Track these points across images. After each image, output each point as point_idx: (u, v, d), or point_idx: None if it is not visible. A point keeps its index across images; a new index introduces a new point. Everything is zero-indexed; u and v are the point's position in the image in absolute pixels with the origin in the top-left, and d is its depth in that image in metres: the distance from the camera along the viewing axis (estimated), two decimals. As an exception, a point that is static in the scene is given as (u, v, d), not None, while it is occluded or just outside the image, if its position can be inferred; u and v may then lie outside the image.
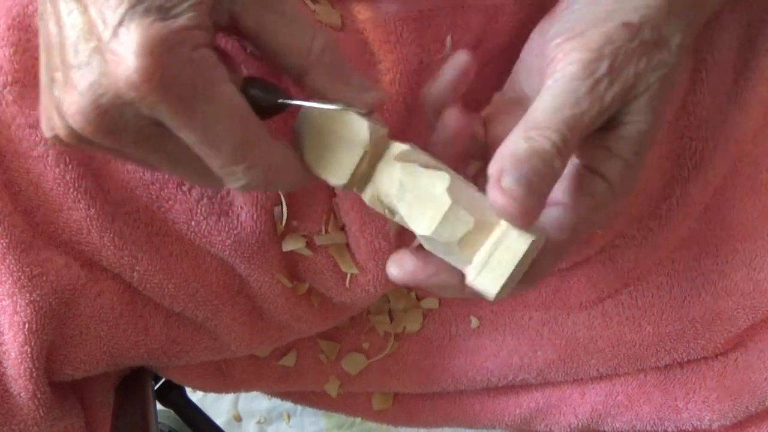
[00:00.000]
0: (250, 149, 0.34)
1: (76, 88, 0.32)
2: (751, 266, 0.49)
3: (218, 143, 0.33)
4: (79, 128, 0.33)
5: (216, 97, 0.33)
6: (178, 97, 0.32)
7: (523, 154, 0.34)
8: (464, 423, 0.61)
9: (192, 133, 0.33)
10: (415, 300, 0.58)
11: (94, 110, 0.32)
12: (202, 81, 0.32)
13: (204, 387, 0.59)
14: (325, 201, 0.47)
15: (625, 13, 0.37)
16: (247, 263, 0.47)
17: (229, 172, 0.34)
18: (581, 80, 0.35)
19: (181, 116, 0.32)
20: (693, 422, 0.53)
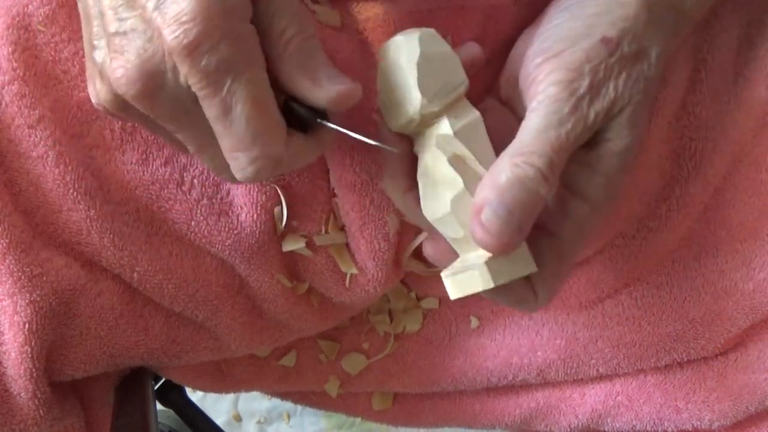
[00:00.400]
0: (260, 140, 0.35)
1: (122, 54, 0.34)
2: (751, 266, 0.48)
3: (233, 124, 0.34)
4: (123, 92, 0.34)
5: (246, 78, 0.34)
6: (212, 67, 0.33)
7: (505, 183, 0.35)
8: (464, 423, 0.61)
9: (213, 107, 0.34)
10: (415, 300, 0.58)
11: (138, 74, 0.34)
12: (239, 57, 0.34)
13: (204, 387, 0.59)
14: (324, 201, 0.47)
15: (604, 27, 0.37)
16: (246, 263, 0.47)
17: (234, 156, 0.35)
18: (563, 100, 0.36)
19: (208, 87, 0.33)
20: (693, 422, 0.53)
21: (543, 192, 0.36)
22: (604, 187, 0.38)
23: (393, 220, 0.46)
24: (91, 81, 0.37)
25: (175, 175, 0.45)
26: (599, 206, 0.38)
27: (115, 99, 0.36)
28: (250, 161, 0.35)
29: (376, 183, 0.45)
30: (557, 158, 0.36)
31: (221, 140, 0.35)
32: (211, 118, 0.34)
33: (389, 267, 0.49)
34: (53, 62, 0.44)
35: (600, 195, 0.38)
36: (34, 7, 0.43)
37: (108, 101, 0.36)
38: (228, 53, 0.33)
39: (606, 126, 0.37)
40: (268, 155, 0.35)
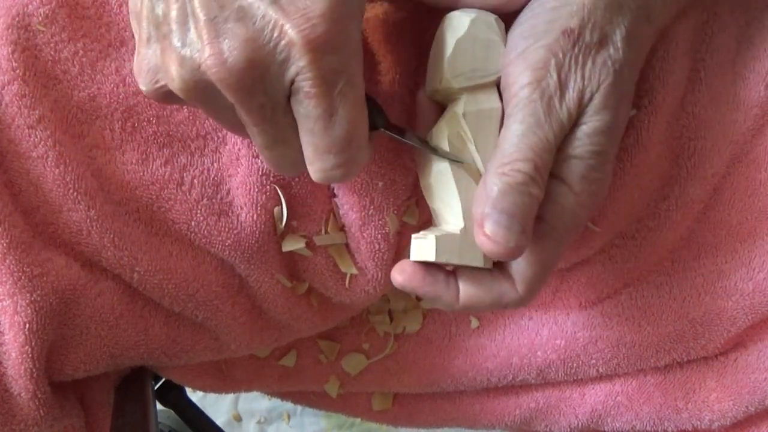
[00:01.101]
0: (355, 143, 0.36)
1: (222, 40, 0.33)
2: (751, 266, 0.49)
3: (335, 125, 0.35)
4: (218, 78, 0.34)
5: (356, 83, 0.35)
6: (331, 67, 0.34)
7: (498, 193, 0.37)
8: (464, 423, 0.61)
9: (319, 106, 0.35)
10: (415, 300, 0.58)
11: (243, 63, 0.33)
12: (353, 62, 0.35)
13: (204, 387, 0.59)
14: (324, 201, 0.47)
15: (564, 20, 0.38)
16: (246, 263, 0.47)
17: (323, 158, 0.36)
18: (536, 102, 0.37)
19: (322, 86, 0.34)
20: (693, 422, 0.53)
21: (535, 192, 0.37)
22: (581, 171, 0.38)
23: (393, 220, 0.47)
24: (144, 64, 0.37)
25: (175, 175, 0.45)
26: (576, 189, 0.38)
27: (195, 86, 0.35)
28: (340, 163, 0.36)
29: (377, 183, 0.45)
30: (541, 160, 0.37)
31: (315, 138, 0.36)
32: (310, 117, 0.35)
33: (389, 267, 0.49)
34: (53, 62, 0.44)
35: (577, 178, 0.38)
36: (33, 6, 0.43)
37: (185, 89, 0.35)
38: (346, 56, 0.34)
39: (580, 113, 0.38)
40: (357, 159, 0.37)
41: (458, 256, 0.39)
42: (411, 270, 0.41)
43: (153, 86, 0.37)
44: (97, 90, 0.44)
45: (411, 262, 0.41)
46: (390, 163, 0.45)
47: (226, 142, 0.45)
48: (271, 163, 0.39)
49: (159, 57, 0.36)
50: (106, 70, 0.44)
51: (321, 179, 0.37)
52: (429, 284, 0.41)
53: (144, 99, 0.44)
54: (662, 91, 0.45)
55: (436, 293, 0.41)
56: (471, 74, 0.40)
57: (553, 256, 0.40)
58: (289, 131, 0.37)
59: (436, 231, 0.41)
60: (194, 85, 0.35)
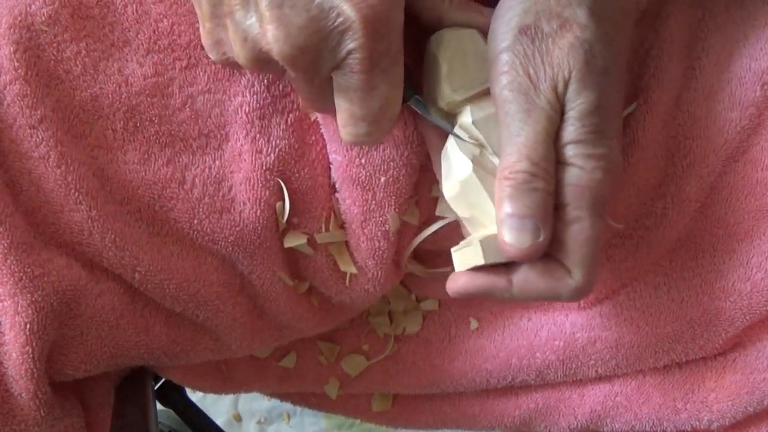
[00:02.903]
0: (386, 116, 0.39)
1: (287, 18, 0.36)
2: (749, 266, 0.48)
3: (373, 99, 0.38)
4: (281, 56, 0.37)
5: (397, 64, 0.38)
6: (381, 48, 0.36)
7: (505, 199, 0.38)
8: (464, 424, 0.61)
9: (362, 81, 0.37)
10: (414, 302, 0.58)
11: (304, 41, 0.36)
12: (395, 47, 0.37)
13: (204, 387, 0.59)
14: (325, 198, 0.47)
15: (520, 18, 0.39)
16: (249, 260, 0.48)
17: (355, 124, 0.39)
18: (515, 102, 0.39)
19: (370, 64, 0.37)
20: (692, 423, 0.53)
21: (540, 185, 0.38)
22: (584, 151, 0.39)
23: (394, 218, 0.47)
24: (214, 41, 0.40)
25: (176, 175, 0.45)
26: (591, 169, 0.39)
27: (258, 61, 0.38)
28: (370, 132, 0.39)
29: (379, 178, 0.45)
30: (536, 153, 0.38)
31: (353, 107, 0.39)
32: (352, 88, 0.38)
33: (389, 267, 0.49)
34: (55, 62, 0.44)
35: (582, 159, 0.39)
36: (36, 7, 0.43)
37: (249, 60, 0.38)
38: (394, 39, 0.37)
39: (562, 99, 0.39)
40: (386, 128, 0.40)
41: (504, 254, 0.40)
42: (464, 276, 0.42)
43: (220, 57, 0.40)
44: (99, 90, 0.44)
45: (462, 272, 0.42)
46: (393, 159, 0.45)
47: (228, 139, 0.45)
48: (307, 101, 0.43)
49: (223, 32, 0.39)
50: (108, 70, 0.44)
51: (350, 141, 0.40)
52: (482, 279, 0.42)
53: (146, 99, 0.45)
54: (657, 90, 0.45)
55: (490, 285, 0.42)
56: (469, 85, 0.42)
57: (594, 235, 0.40)
58: (329, 93, 0.39)
59: (475, 237, 0.42)
60: (257, 61, 0.38)
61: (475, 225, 0.43)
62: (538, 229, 0.38)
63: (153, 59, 0.45)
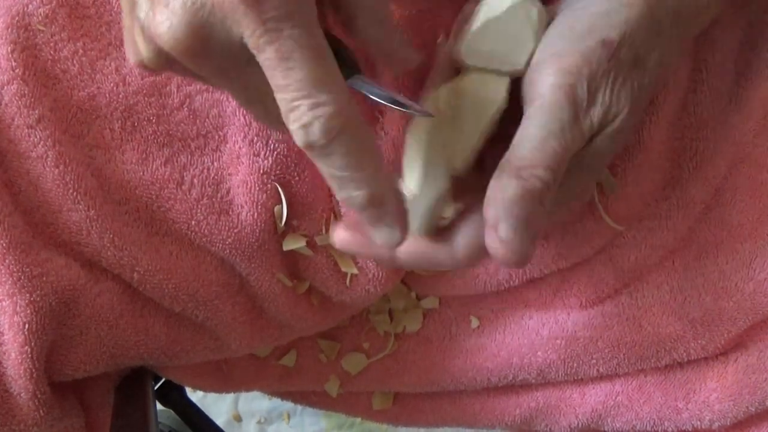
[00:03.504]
0: (320, 87, 0.33)
1: (166, 6, 0.32)
2: (752, 267, 0.48)
3: (293, 70, 0.32)
4: (169, 48, 0.33)
5: (305, 24, 0.33)
6: (272, 13, 0.32)
7: (514, 197, 0.35)
8: (464, 423, 0.61)
9: (271, 54, 0.32)
10: (415, 300, 0.58)
11: (185, 28, 0.32)
12: (297, 6, 0.32)
13: (204, 387, 0.59)
14: (325, 200, 0.47)
15: (605, 30, 0.36)
16: (247, 262, 0.47)
17: (294, 106, 0.33)
18: (563, 109, 0.36)
19: (267, 34, 0.32)
20: (693, 422, 0.53)
21: (547, 205, 0.36)
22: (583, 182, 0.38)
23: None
24: (130, 40, 0.36)
25: (175, 175, 0.45)
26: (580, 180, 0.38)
27: (159, 56, 0.34)
28: (312, 107, 0.33)
29: None
30: (560, 168, 0.36)
31: (281, 92, 0.33)
32: (269, 67, 0.33)
33: (390, 267, 0.49)
34: (53, 62, 0.44)
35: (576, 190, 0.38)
36: (33, 6, 0.43)
37: (152, 60, 0.35)
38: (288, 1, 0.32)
39: (599, 131, 0.37)
40: (330, 102, 0.33)
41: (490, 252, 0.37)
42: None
43: (135, 58, 0.36)
44: (96, 89, 0.44)
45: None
46: (390, 162, 0.45)
47: (226, 140, 0.45)
48: (265, 122, 0.38)
49: (128, 32, 0.36)
50: (105, 69, 0.44)
51: (302, 138, 0.33)
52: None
53: (144, 98, 0.44)
54: (663, 92, 0.45)
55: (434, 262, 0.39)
56: (488, 57, 0.38)
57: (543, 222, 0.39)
58: (261, 88, 0.34)
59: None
60: (156, 55, 0.34)
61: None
62: (533, 243, 0.36)
63: None
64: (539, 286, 0.53)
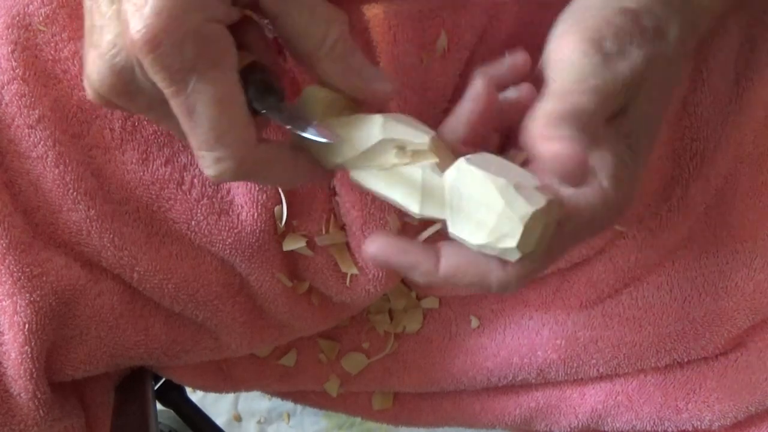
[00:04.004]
0: (221, 141, 0.33)
1: (96, 48, 0.33)
2: (752, 267, 0.49)
3: (197, 124, 0.33)
4: (97, 88, 0.34)
5: (210, 78, 0.33)
6: (176, 66, 0.32)
7: (566, 111, 0.33)
8: (464, 423, 0.61)
9: (177, 106, 0.33)
10: (415, 300, 0.57)
11: (108, 70, 0.33)
12: (203, 57, 0.32)
13: (204, 387, 0.59)
14: (325, 201, 0.47)
15: (623, 1, 0.36)
16: (247, 262, 0.47)
17: (199, 155, 0.34)
18: (592, 55, 0.34)
19: (172, 86, 0.32)
20: (693, 422, 0.53)
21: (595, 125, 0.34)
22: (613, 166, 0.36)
23: (394, 220, 0.46)
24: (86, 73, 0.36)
25: (175, 175, 0.45)
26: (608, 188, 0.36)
27: (96, 94, 0.35)
28: (214, 161, 0.34)
29: None
30: (598, 102, 0.33)
31: (188, 138, 0.34)
32: (177, 114, 0.33)
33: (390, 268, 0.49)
34: (53, 62, 0.44)
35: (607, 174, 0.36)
36: (34, 7, 0.43)
37: (93, 97, 0.35)
38: (192, 53, 0.32)
39: (626, 97, 0.36)
40: (230, 157, 0.34)
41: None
42: (384, 241, 0.38)
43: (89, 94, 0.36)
44: None
45: (384, 234, 0.39)
46: None
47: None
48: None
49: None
50: (106, 69, 0.44)
51: (211, 177, 0.35)
52: (403, 252, 0.37)
53: None
54: None
55: (412, 262, 0.37)
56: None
57: (556, 250, 0.38)
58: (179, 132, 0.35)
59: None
60: (94, 93, 0.35)
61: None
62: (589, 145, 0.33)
63: None
64: (539, 286, 0.53)
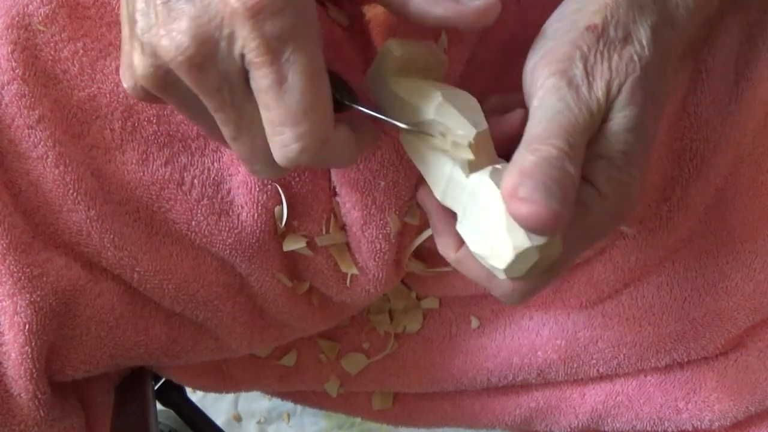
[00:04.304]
0: (310, 116, 0.34)
1: (173, 21, 0.33)
2: (752, 267, 0.49)
3: (286, 94, 0.33)
4: (170, 59, 0.33)
5: (306, 50, 0.33)
6: (274, 33, 0.32)
7: (531, 164, 0.34)
8: (464, 423, 0.61)
9: (268, 75, 0.33)
10: (415, 300, 0.58)
11: (191, 40, 0.33)
12: (300, 28, 0.33)
13: (204, 387, 0.59)
14: (325, 201, 0.47)
15: (587, 17, 0.37)
16: (247, 263, 0.47)
17: (279, 131, 0.34)
18: (564, 89, 0.36)
19: (267, 54, 0.32)
20: (693, 422, 0.53)
21: (571, 170, 0.34)
22: (608, 171, 0.37)
23: (395, 220, 0.47)
24: (126, 61, 0.36)
25: (175, 175, 0.45)
26: (604, 190, 0.37)
27: (156, 73, 0.34)
28: (297, 137, 0.34)
29: (378, 182, 0.45)
30: (574, 140, 0.35)
31: (269, 113, 0.34)
32: (262, 89, 0.33)
33: (390, 267, 0.49)
34: (53, 62, 0.44)
35: (603, 178, 0.37)
36: (34, 7, 0.43)
37: (147, 77, 0.34)
38: (291, 22, 0.33)
39: (608, 106, 0.37)
40: (315, 132, 0.34)
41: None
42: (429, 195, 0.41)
43: (131, 83, 0.36)
44: (97, 90, 0.44)
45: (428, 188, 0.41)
46: (392, 163, 0.45)
47: (227, 141, 0.45)
48: (244, 161, 0.38)
49: (131, 52, 0.35)
50: (106, 69, 0.44)
51: (282, 158, 0.34)
52: (443, 217, 0.41)
53: None
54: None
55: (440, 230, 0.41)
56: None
57: (561, 266, 0.38)
58: (253, 116, 0.35)
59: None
60: (155, 72, 0.34)
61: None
62: (564, 202, 0.33)
63: None
64: (539, 286, 0.53)
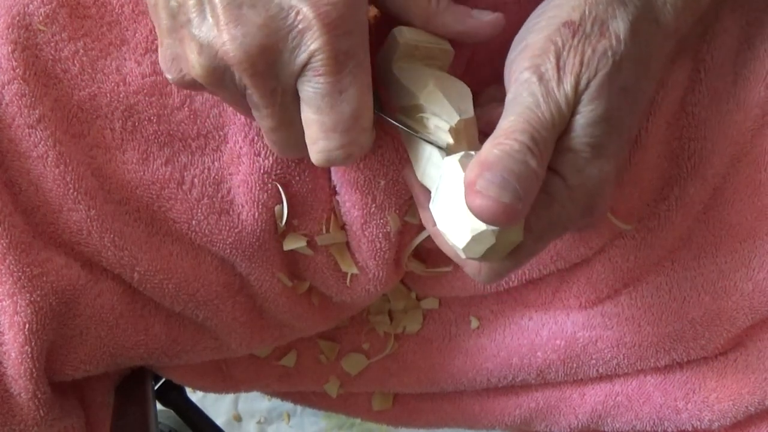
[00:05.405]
0: (359, 125, 0.37)
1: (241, 25, 0.35)
2: (750, 266, 0.48)
3: (342, 104, 0.36)
4: (234, 62, 0.35)
5: (364, 65, 0.37)
6: (344, 48, 0.35)
7: (493, 158, 0.35)
8: (464, 423, 0.61)
9: (329, 85, 0.36)
10: (415, 300, 0.58)
11: (259, 47, 0.35)
12: (362, 46, 0.36)
13: (204, 387, 0.59)
14: (325, 200, 0.47)
15: (566, 13, 0.38)
16: (247, 262, 0.47)
17: (327, 137, 0.37)
18: (535, 84, 0.37)
19: (335, 66, 0.35)
20: (693, 422, 0.53)
21: (533, 165, 0.35)
22: (574, 163, 0.38)
23: (395, 219, 0.47)
24: (168, 58, 0.38)
25: (175, 175, 0.45)
26: (570, 182, 0.38)
27: (214, 72, 0.36)
28: (343, 144, 0.37)
29: (379, 181, 0.45)
30: (539, 135, 0.36)
31: (322, 116, 0.37)
32: (319, 94, 0.36)
33: (390, 266, 0.49)
34: (53, 61, 0.44)
35: (571, 170, 0.37)
36: (34, 6, 0.43)
37: (205, 75, 0.37)
38: (358, 39, 0.36)
39: (577, 99, 0.38)
40: (359, 141, 0.38)
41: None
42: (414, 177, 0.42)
43: (177, 75, 0.39)
44: (97, 89, 0.44)
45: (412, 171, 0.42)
46: (392, 162, 0.45)
47: (227, 140, 0.45)
48: (276, 145, 0.40)
49: (180, 47, 0.37)
50: (106, 69, 0.44)
51: (322, 160, 0.38)
52: (424, 198, 0.42)
53: (145, 98, 0.44)
54: (662, 92, 0.45)
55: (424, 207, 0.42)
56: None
57: (527, 253, 0.39)
58: (295, 113, 0.38)
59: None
60: (213, 71, 0.36)
61: None
62: (521, 198, 0.34)
63: (151, 58, 0.44)
64: (539, 287, 0.53)
